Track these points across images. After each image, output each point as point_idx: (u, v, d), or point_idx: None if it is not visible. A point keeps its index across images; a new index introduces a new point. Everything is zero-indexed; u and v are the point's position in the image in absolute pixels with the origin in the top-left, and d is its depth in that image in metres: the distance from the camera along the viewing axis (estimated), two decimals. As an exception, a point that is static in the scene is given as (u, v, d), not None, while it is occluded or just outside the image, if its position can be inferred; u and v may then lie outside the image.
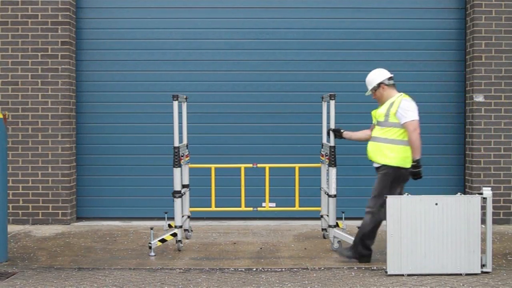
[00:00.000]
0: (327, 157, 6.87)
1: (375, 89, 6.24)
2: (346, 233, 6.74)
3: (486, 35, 8.40)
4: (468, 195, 5.88)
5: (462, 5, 8.76)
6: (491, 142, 8.40)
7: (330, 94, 6.72)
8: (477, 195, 5.86)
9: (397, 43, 8.77)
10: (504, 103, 8.42)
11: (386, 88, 6.20)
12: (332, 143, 6.71)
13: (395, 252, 5.72)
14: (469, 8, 8.57)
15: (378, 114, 6.19)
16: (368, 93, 6.33)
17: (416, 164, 5.92)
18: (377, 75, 6.27)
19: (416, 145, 5.92)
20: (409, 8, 8.78)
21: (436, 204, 5.75)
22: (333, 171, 6.69)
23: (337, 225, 6.88)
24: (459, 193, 5.94)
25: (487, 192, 5.87)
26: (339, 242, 6.69)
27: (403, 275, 5.70)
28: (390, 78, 6.25)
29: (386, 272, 5.72)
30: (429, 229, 5.74)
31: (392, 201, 5.74)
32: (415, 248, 5.73)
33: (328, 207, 6.89)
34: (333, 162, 6.68)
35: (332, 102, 6.76)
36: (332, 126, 6.90)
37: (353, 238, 6.37)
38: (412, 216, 5.74)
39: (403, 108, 6.00)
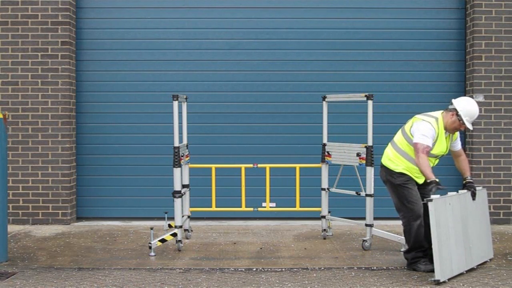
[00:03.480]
0: (359, 157, 6.87)
1: None
2: (385, 230, 6.76)
3: (486, 35, 8.41)
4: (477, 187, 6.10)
5: (462, 5, 8.76)
6: (491, 142, 8.40)
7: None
8: (482, 187, 6.18)
9: (397, 43, 8.77)
10: (504, 103, 8.42)
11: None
12: (370, 143, 6.74)
13: (442, 258, 5.48)
14: (469, 8, 8.57)
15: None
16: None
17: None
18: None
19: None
20: (409, 8, 8.78)
21: (450, 204, 5.69)
22: (370, 170, 6.73)
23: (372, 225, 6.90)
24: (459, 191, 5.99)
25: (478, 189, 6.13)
26: (365, 241, 6.79)
27: (445, 281, 5.50)
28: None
29: (438, 281, 5.42)
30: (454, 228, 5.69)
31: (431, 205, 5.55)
32: (449, 251, 5.62)
33: (365, 207, 6.90)
34: (370, 162, 6.73)
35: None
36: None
37: (388, 235, 6.53)
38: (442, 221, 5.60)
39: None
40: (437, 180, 5.67)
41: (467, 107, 5.83)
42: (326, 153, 7.39)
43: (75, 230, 8.02)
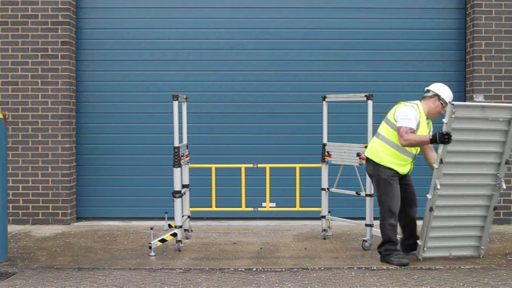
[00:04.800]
0: (359, 157, 6.87)
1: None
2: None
3: (486, 35, 8.41)
4: None
5: (462, 5, 8.76)
6: (491, 142, 8.39)
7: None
8: None
9: (397, 43, 8.78)
10: (504, 103, 8.42)
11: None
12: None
13: None
14: (469, 8, 8.57)
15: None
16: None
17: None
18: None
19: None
20: (409, 8, 8.79)
21: None
22: None
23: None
24: None
25: None
26: (365, 241, 6.82)
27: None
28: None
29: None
30: None
31: None
32: None
33: (365, 207, 6.91)
34: None
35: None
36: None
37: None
38: None
39: None
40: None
41: (445, 90, 6.28)
42: (326, 153, 7.38)
43: (75, 230, 8.02)
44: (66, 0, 8.32)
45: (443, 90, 6.25)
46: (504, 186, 6.23)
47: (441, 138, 5.83)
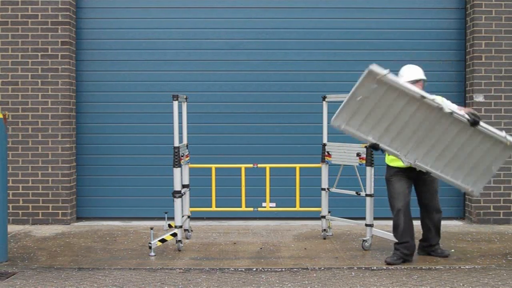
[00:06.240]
0: (359, 157, 6.87)
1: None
2: (385, 230, 6.77)
3: (486, 35, 8.41)
4: None
5: (462, 5, 8.76)
6: (491, 142, 8.39)
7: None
8: None
9: (397, 43, 8.78)
10: (504, 103, 8.42)
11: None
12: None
13: None
14: (469, 8, 8.57)
15: None
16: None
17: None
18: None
19: None
20: (409, 8, 8.79)
21: None
22: (370, 170, 6.77)
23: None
24: None
25: None
26: (365, 241, 6.81)
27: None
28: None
29: None
30: None
31: None
32: None
33: (365, 207, 6.90)
34: (370, 162, 6.77)
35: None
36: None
37: (388, 235, 6.54)
38: None
39: None
40: None
41: (419, 72, 6.57)
42: (326, 153, 7.39)
43: (75, 230, 8.03)
44: (66, 0, 8.32)
45: (421, 73, 6.55)
46: (468, 116, 5.80)
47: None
